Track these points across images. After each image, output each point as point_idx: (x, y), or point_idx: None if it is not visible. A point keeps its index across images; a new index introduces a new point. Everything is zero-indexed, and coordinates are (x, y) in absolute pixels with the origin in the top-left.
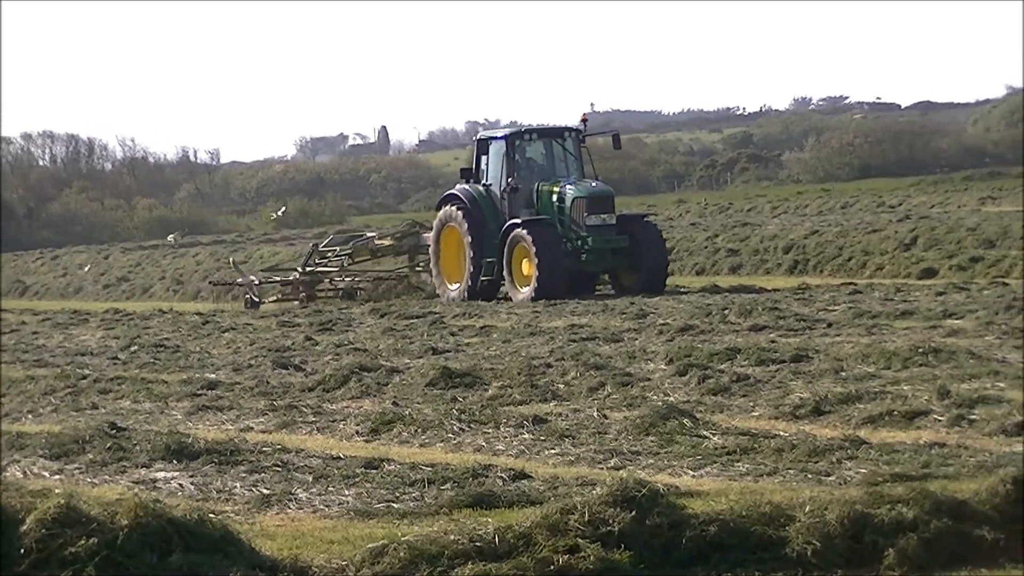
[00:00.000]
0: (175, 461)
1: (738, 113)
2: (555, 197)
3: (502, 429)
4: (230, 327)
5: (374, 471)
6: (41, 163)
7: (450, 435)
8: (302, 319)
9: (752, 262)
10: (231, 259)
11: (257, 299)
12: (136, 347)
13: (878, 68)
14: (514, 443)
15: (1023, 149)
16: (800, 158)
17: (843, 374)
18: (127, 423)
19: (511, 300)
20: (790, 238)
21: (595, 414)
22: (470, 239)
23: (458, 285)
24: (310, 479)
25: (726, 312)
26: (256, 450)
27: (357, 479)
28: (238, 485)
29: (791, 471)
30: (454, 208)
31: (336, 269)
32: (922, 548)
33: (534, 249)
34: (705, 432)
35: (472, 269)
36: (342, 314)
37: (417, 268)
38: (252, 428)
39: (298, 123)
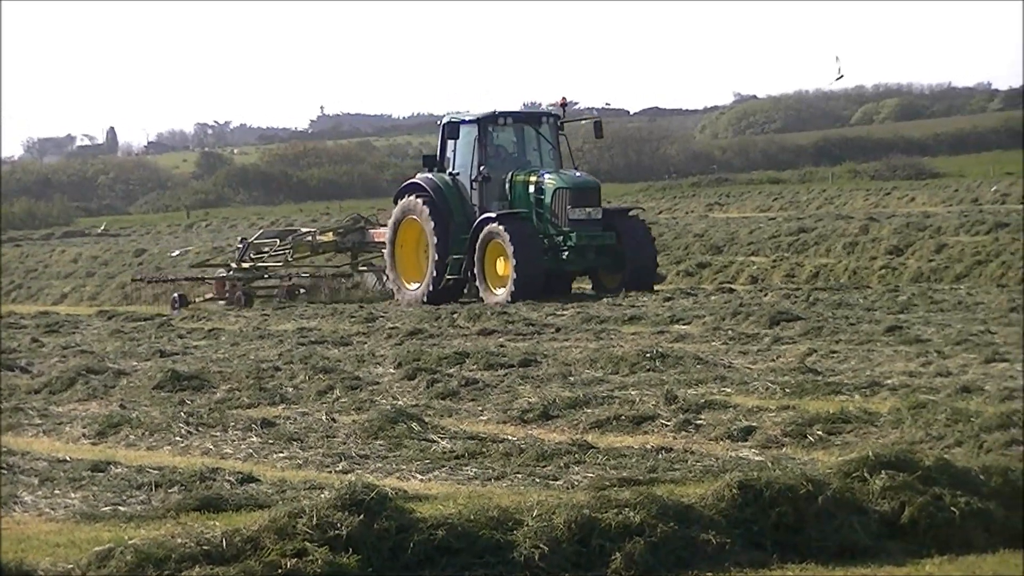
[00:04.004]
0: None
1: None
2: (532, 188)
3: (230, 432)
4: None
5: (101, 474)
6: None
7: (178, 438)
8: (28, 321)
9: None
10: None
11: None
12: None
13: (607, 74)
14: (242, 446)
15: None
16: None
17: (571, 379)
18: None
19: (483, 302)
20: None
21: (324, 418)
22: (435, 234)
23: (418, 285)
24: (36, 482)
25: (455, 316)
26: None
27: (83, 482)
28: None
29: (519, 475)
30: (417, 199)
31: (280, 265)
32: (648, 552)
33: (511, 247)
34: (434, 436)
35: (436, 267)
36: (69, 316)
37: (361, 268)
38: None
39: (24, 123)
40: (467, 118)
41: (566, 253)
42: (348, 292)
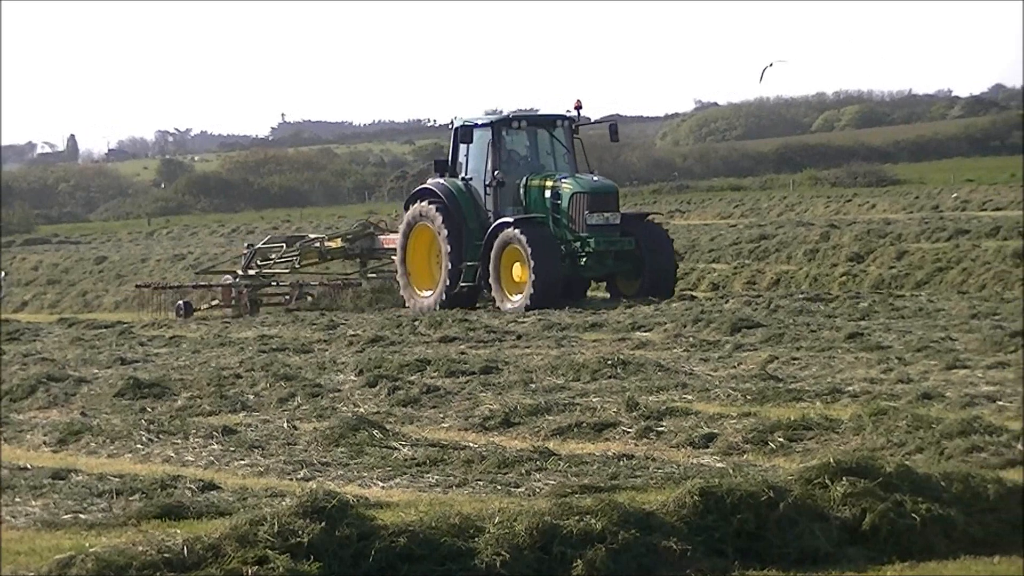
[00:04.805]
0: None
1: (429, 125)
2: (548, 192)
3: (191, 440)
4: None
5: (61, 482)
6: None
7: (139, 446)
8: None
9: None
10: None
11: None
12: None
13: (567, 81)
14: (203, 454)
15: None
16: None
17: (532, 386)
18: None
19: (499, 309)
20: None
21: (285, 425)
22: (448, 240)
23: (431, 293)
24: None
25: (416, 323)
26: None
27: (44, 490)
28: None
29: (480, 482)
30: (428, 205)
31: (286, 271)
32: (610, 559)
33: (530, 252)
34: (395, 443)
35: (450, 274)
36: (29, 324)
37: (370, 275)
38: None
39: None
40: (480, 121)
41: (584, 259)
42: (360, 299)
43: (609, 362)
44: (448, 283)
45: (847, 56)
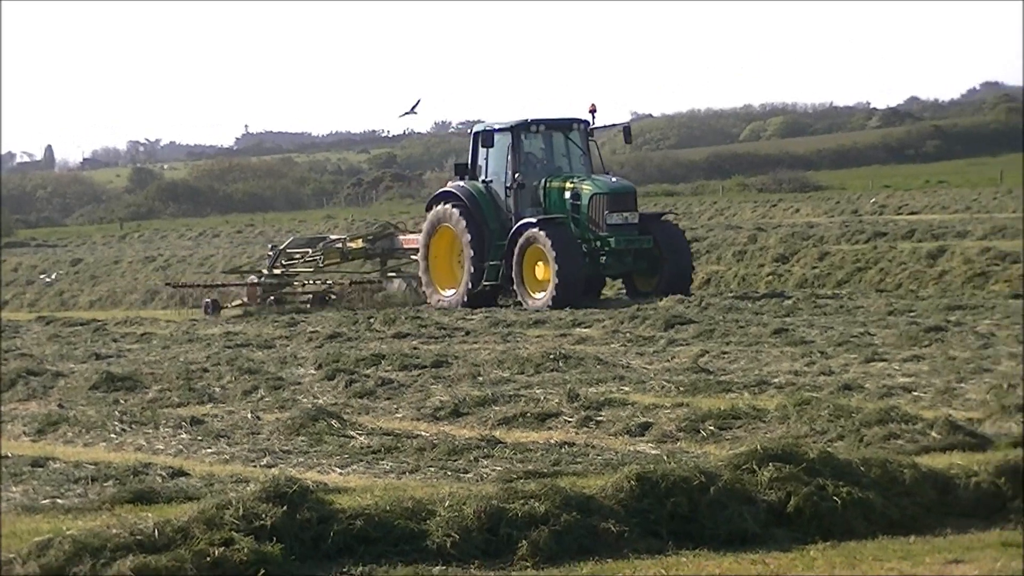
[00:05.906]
0: None
1: (383, 135)
2: (568, 194)
3: (161, 429)
4: None
5: (40, 469)
6: None
7: (112, 435)
8: None
9: None
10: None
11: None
12: None
13: (509, 93)
14: (173, 443)
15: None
16: (440, 177)
17: (480, 379)
18: None
19: (522, 306)
20: None
21: (249, 416)
22: (470, 240)
23: (453, 291)
24: None
25: (371, 321)
26: None
27: (24, 476)
28: None
29: (432, 469)
30: (450, 207)
31: (311, 271)
32: (553, 540)
33: (553, 252)
34: (352, 432)
35: (472, 273)
36: (9, 322)
37: (389, 274)
38: None
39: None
40: (499, 126)
41: (604, 257)
42: (379, 297)
43: (552, 356)
44: (471, 282)
45: (773, 70)
